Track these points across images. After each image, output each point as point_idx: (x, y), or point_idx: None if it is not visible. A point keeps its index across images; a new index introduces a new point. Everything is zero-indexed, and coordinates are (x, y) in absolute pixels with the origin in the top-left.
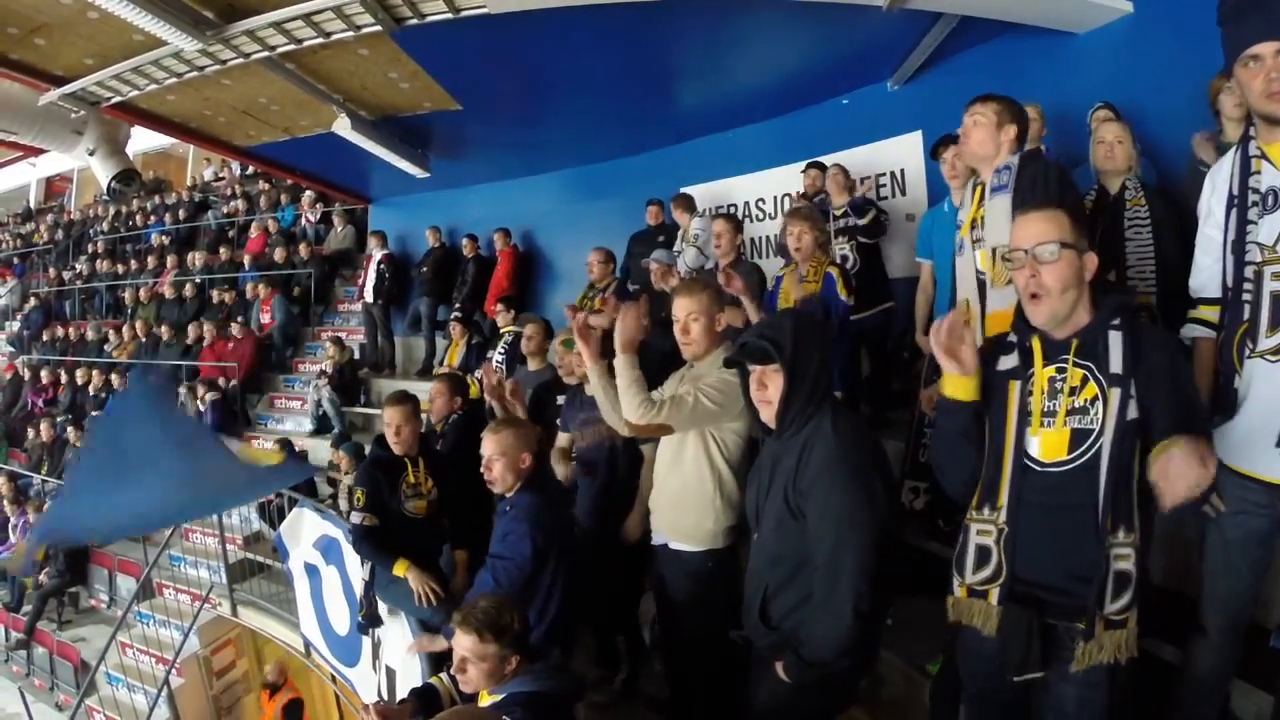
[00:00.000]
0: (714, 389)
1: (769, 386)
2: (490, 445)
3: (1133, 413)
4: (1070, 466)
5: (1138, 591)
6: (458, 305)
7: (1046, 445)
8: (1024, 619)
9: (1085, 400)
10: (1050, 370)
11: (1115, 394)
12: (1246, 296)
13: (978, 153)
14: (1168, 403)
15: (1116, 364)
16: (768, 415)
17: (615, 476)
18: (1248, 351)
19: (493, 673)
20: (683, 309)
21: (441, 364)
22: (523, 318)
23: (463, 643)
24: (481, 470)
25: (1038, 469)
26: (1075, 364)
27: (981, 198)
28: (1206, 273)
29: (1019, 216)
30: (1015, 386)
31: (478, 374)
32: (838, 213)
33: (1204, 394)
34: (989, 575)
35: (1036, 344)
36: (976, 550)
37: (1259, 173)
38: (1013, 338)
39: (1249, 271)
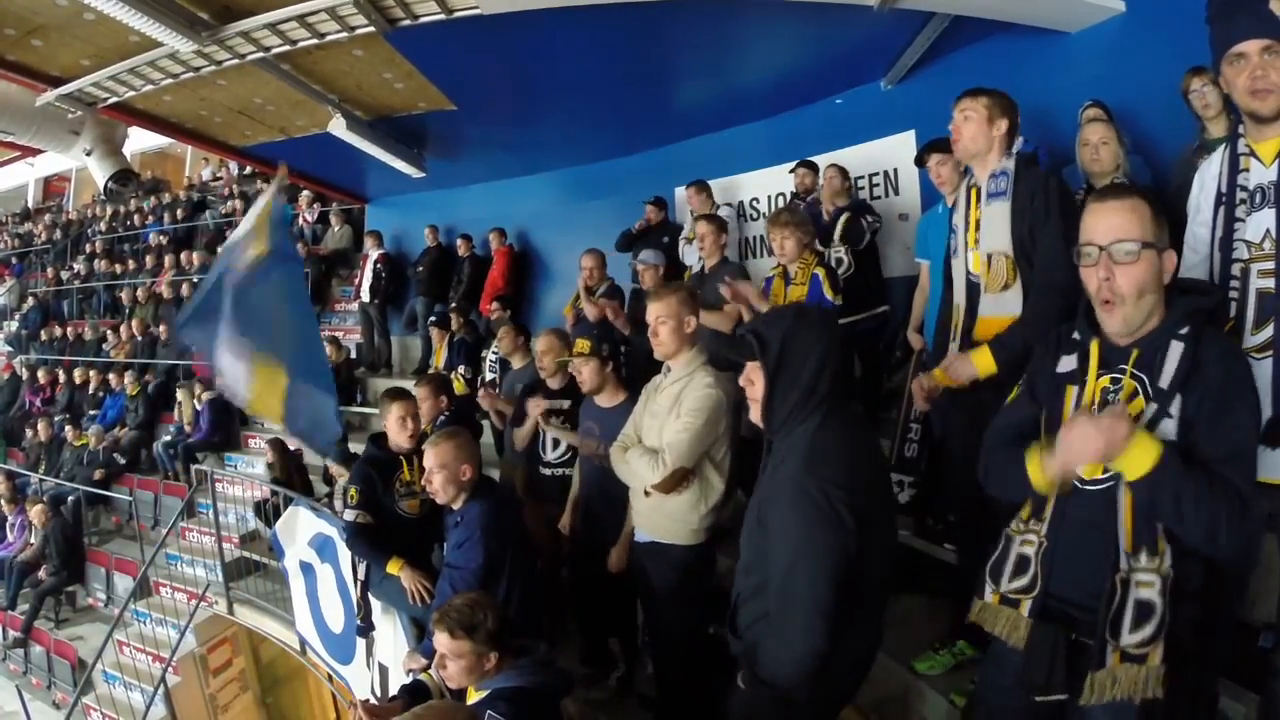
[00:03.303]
0: (698, 414)
1: (755, 384)
2: (431, 458)
3: (1169, 433)
4: (1102, 486)
5: (1162, 626)
6: (453, 305)
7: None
8: (1050, 636)
9: (1132, 415)
10: (1105, 380)
11: (1151, 410)
12: (1233, 294)
13: (970, 149)
14: (1207, 425)
15: (1166, 378)
16: (755, 414)
17: (604, 489)
18: None
19: (471, 669)
20: (653, 313)
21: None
22: (498, 320)
23: (440, 641)
24: (423, 482)
25: (1079, 485)
26: (1132, 375)
27: (977, 199)
28: (1194, 270)
29: (1095, 204)
30: (1072, 392)
31: (461, 370)
32: (825, 220)
33: None
34: (1024, 585)
35: (1094, 348)
36: (1016, 558)
37: (1247, 170)
38: (1076, 335)
39: (1235, 269)
